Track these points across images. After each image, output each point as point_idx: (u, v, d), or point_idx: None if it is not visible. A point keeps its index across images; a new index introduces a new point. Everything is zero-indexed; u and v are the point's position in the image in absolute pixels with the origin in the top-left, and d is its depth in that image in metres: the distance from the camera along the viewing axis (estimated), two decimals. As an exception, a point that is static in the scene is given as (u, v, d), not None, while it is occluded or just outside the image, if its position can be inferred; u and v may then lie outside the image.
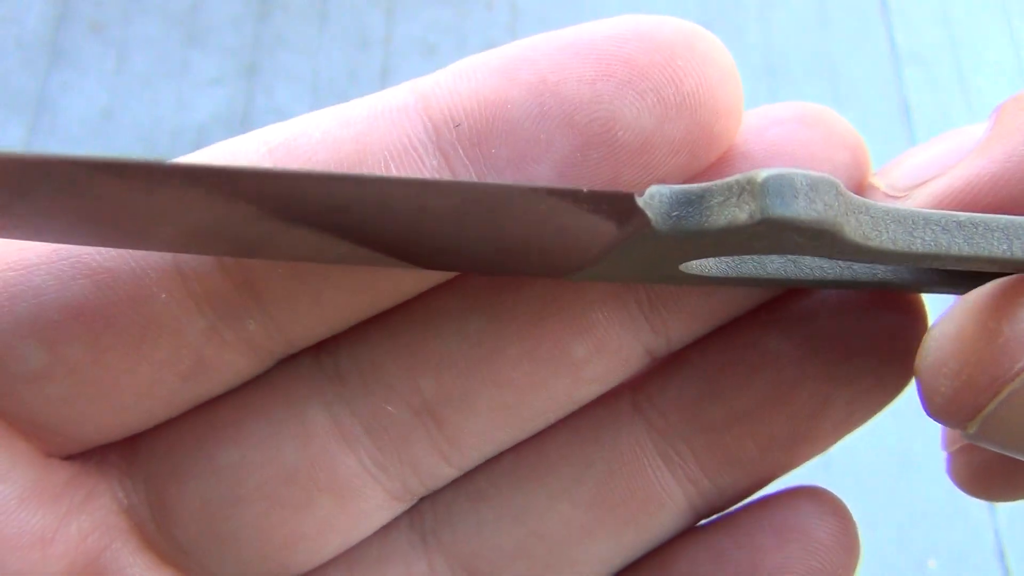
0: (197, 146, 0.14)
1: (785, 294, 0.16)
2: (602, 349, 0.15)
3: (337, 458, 0.15)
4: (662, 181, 0.12)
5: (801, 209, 0.10)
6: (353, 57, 0.55)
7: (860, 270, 0.14)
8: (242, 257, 0.14)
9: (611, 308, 0.15)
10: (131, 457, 0.15)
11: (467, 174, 0.13)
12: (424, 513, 0.16)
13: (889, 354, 0.15)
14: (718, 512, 0.16)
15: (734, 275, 0.14)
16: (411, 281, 0.15)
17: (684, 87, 0.13)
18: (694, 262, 0.13)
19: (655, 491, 0.16)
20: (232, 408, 0.15)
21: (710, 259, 0.13)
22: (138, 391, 0.14)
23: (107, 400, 0.14)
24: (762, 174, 0.10)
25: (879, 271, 0.14)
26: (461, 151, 0.13)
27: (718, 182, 0.11)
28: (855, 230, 0.11)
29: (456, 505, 0.16)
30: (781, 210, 0.10)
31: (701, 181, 0.11)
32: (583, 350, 0.15)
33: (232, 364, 0.14)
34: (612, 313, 0.15)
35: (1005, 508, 0.44)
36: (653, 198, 0.11)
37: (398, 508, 0.16)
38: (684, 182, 0.12)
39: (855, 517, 0.16)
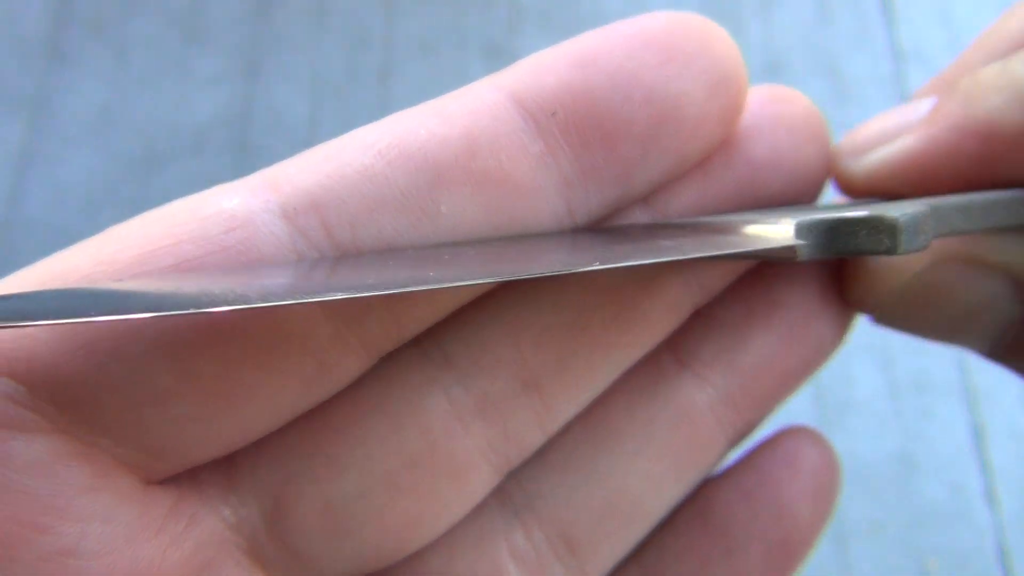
0: (197, 146, 0.13)
1: None
2: (671, 308, 0.17)
3: (455, 439, 0.16)
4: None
5: (921, 242, 0.13)
6: (353, 57, 0.55)
7: None
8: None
9: (674, 271, 0.17)
10: (230, 470, 0.15)
11: (565, 155, 0.15)
12: (510, 490, 0.17)
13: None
14: (742, 441, 0.19)
15: None
16: None
17: (725, 67, 0.15)
18: None
19: (709, 435, 0.18)
20: (346, 408, 0.15)
21: None
22: (262, 403, 0.14)
23: (229, 415, 0.14)
24: (896, 215, 0.13)
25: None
26: (560, 136, 0.15)
27: (849, 215, 0.13)
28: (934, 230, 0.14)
29: (544, 477, 0.17)
30: (911, 246, 0.13)
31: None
32: (657, 309, 0.17)
33: (349, 367, 0.14)
34: (674, 276, 0.17)
35: (1006, 508, 0.44)
36: (800, 233, 0.13)
37: (495, 483, 0.17)
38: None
39: (855, 517, 0.18)
